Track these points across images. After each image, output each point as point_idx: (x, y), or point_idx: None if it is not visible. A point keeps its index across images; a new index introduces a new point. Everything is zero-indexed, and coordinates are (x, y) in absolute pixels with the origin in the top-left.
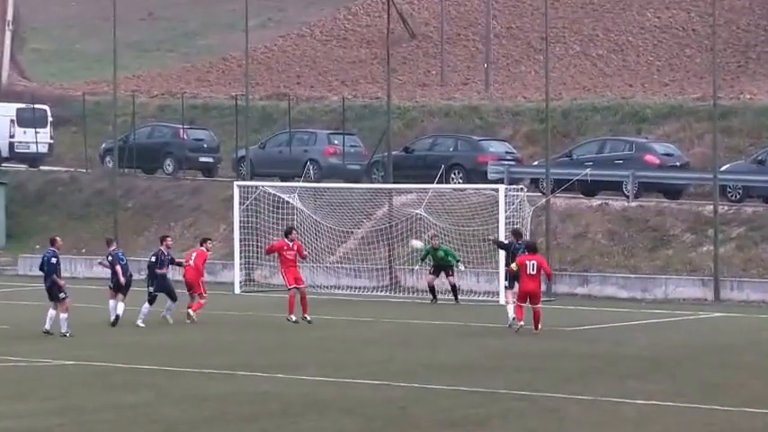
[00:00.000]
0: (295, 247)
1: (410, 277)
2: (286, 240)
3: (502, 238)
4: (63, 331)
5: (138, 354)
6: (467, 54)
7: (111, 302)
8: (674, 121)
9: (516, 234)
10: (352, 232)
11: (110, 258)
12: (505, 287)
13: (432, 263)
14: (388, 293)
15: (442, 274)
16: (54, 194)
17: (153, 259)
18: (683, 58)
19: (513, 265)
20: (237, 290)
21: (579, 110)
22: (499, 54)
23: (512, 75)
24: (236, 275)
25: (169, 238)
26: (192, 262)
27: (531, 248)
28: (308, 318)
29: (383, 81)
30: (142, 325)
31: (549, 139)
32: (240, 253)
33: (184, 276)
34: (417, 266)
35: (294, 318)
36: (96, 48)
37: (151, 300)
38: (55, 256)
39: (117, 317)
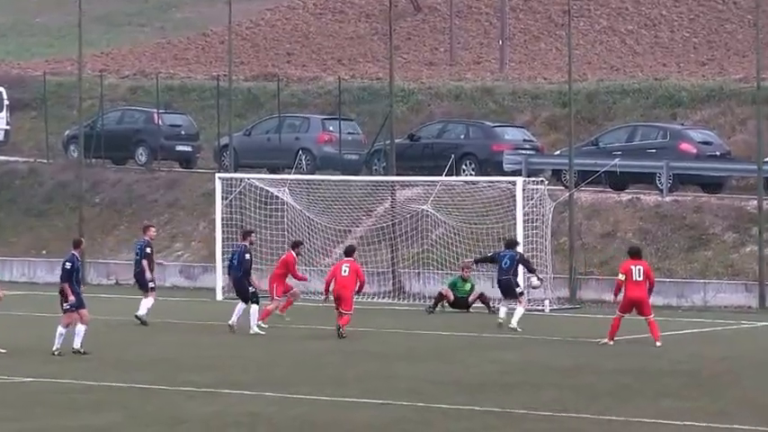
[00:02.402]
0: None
1: (416, 282)
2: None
3: (519, 237)
4: (75, 347)
5: (108, 369)
6: (479, 29)
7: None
8: (713, 105)
9: (510, 244)
10: (349, 231)
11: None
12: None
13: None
14: (390, 300)
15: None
16: (10, 188)
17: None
18: (722, 33)
19: (621, 275)
20: (220, 296)
21: (606, 92)
22: (516, 29)
23: (530, 53)
24: (219, 280)
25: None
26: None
27: (636, 253)
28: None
29: (385, 60)
30: (257, 330)
31: (573, 125)
32: (223, 254)
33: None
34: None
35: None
36: (59, 22)
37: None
38: (71, 261)
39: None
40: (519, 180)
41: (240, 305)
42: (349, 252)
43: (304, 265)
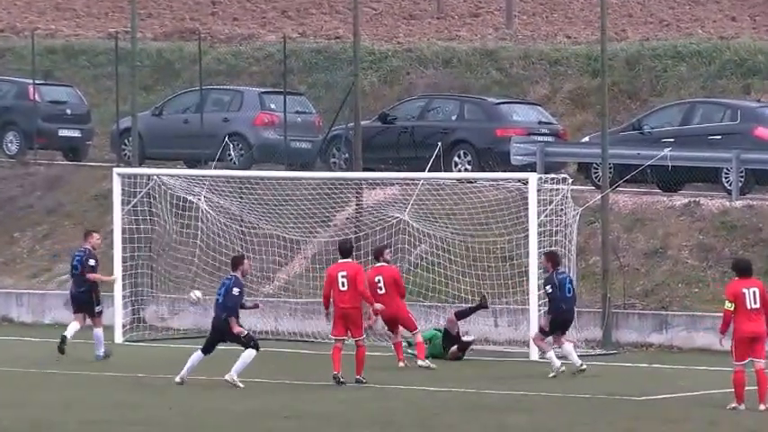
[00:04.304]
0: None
1: None
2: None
3: (533, 256)
4: None
5: None
6: None
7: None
8: None
9: (552, 259)
10: (298, 249)
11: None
12: (540, 331)
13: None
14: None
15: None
16: None
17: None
18: None
19: (728, 303)
20: (119, 338)
21: (654, 56)
22: None
23: (548, 1)
24: (118, 315)
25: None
26: (382, 287)
27: (746, 270)
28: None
29: (347, 11)
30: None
31: (607, 101)
32: (124, 280)
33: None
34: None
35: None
36: None
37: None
38: None
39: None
40: (532, 177)
41: (197, 355)
42: (345, 251)
43: None
